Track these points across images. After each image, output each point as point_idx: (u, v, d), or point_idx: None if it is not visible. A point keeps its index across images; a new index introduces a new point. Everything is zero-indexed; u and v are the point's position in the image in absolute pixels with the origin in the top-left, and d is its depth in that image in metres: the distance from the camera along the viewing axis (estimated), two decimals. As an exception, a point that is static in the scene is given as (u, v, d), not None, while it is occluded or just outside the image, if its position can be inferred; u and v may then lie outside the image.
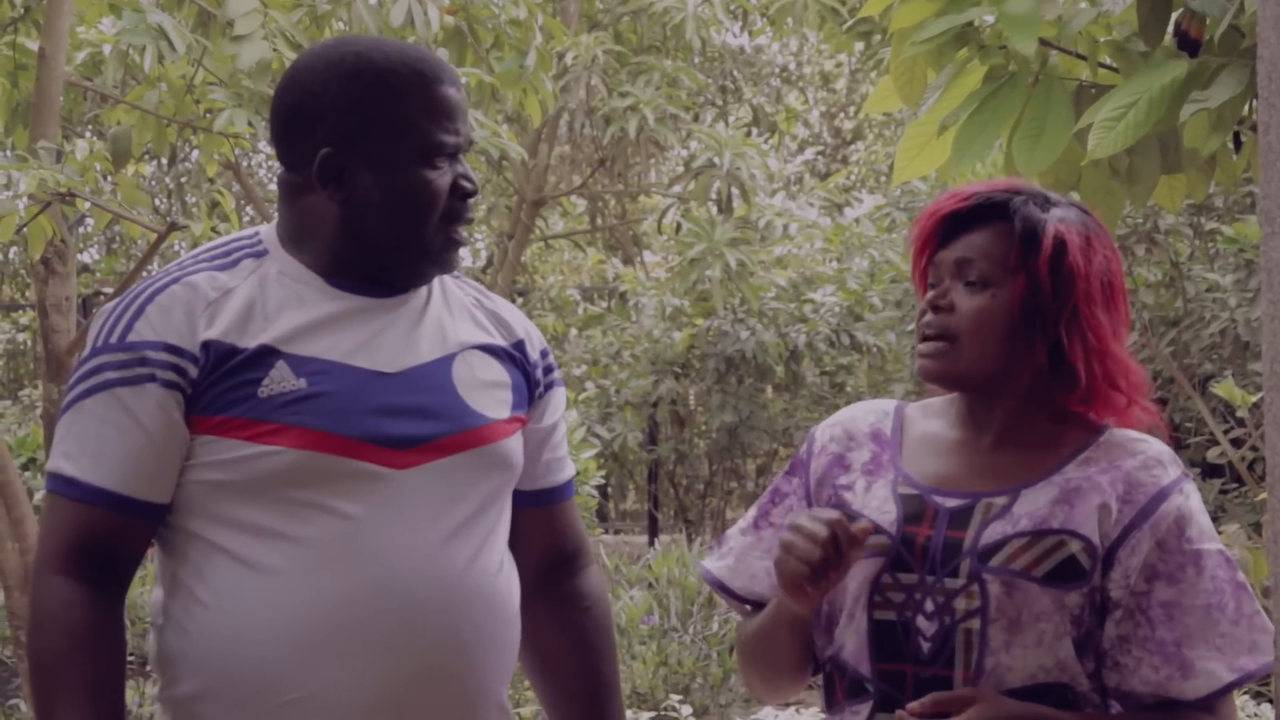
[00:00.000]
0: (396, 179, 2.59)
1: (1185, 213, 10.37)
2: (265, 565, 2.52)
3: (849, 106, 17.89)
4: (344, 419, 2.53)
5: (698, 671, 8.61)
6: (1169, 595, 2.50)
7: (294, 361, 2.54)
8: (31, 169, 5.05)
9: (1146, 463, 2.55)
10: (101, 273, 14.42)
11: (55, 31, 5.73)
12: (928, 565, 2.53)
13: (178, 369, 2.53)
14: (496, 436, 2.65)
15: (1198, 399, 9.85)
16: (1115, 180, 4.33)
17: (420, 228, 2.60)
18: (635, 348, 13.17)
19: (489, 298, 2.81)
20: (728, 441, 13.02)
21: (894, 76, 4.46)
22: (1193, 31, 4.05)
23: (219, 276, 2.60)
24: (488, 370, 2.69)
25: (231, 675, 2.52)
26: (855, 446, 2.69)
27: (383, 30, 6.22)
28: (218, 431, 2.53)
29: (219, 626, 2.53)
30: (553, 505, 2.86)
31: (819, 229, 13.45)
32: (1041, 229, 2.56)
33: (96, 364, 2.56)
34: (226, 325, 2.55)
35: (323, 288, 2.62)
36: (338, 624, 2.50)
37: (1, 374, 15.41)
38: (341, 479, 2.52)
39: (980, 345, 2.55)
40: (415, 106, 2.60)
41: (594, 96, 12.73)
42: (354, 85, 2.59)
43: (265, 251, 2.65)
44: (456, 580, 2.56)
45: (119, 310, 2.58)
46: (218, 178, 11.95)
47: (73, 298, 5.94)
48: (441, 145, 2.60)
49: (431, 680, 2.54)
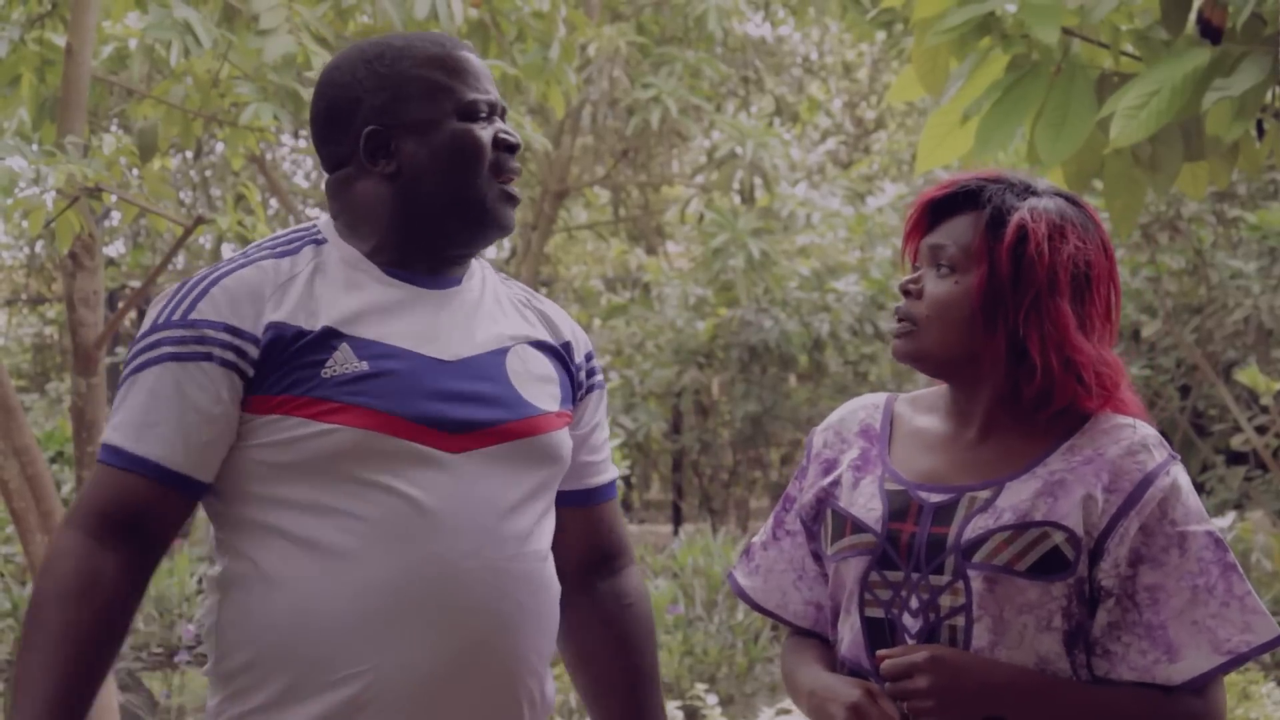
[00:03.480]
0: (439, 137, 2.67)
1: (1208, 200, 10.36)
2: (323, 542, 2.57)
3: (871, 96, 17.87)
4: (404, 401, 2.59)
5: (723, 660, 8.63)
6: (1154, 578, 2.49)
7: (356, 344, 2.60)
8: (59, 164, 5.07)
9: (1131, 448, 2.53)
10: (128, 266, 14.47)
11: (82, 27, 5.76)
12: (912, 562, 2.53)
13: (237, 350, 2.58)
14: (548, 428, 2.71)
15: (1221, 386, 9.85)
16: (1138, 168, 4.34)
17: (471, 180, 2.67)
18: (659, 338, 13.18)
19: (537, 298, 2.88)
20: (751, 431, 13.04)
21: (916, 66, 4.47)
22: (1215, 19, 4.06)
23: (283, 263, 2.66)
24: (538, 365, 2.75)
25: (288, 648, 2.57)
26: (846, 447, 2.70)
27: (406, 23, 6.24)
28: (281, 410, 2.58)
29: (277, 600, 2.58)
30: (593, 506, 2.91)
31: (842, 218, 13.46)
32: (1009, 217, 2.56)
33: (156, 339, 2.61)
34: (292, 308, 2.61)
35: (379, 276, 2.68)
36: (393, 601, 2.55)
37: (29, 367, 15.47)
38: (400, 459, 2.58)
39: (940, 330, 2.56)
40: (441, 70, 2.69)
41: (617, 88, 12.74)
42: (379, 64, 2.69)
43: (324, 240, 2.72)
44: (506, 562, 2.62)
45: (184, 290, 2.64)
46: (243, 171, 11.99)
47: (100, 291, 5.96)
48: (475, 104, 2.68)
49: (478, 655, 2.59)
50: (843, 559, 2.60)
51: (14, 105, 6.52)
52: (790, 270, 12.90)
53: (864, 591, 2.57)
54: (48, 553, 2.59)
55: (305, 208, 15.46)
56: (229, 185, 13.83)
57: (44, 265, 14.97)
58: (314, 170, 15.90)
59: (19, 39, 6.19)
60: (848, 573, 2.59)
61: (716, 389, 13.85)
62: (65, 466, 9.38)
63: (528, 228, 14.17)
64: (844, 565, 2.60)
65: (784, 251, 13.09)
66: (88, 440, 5.90)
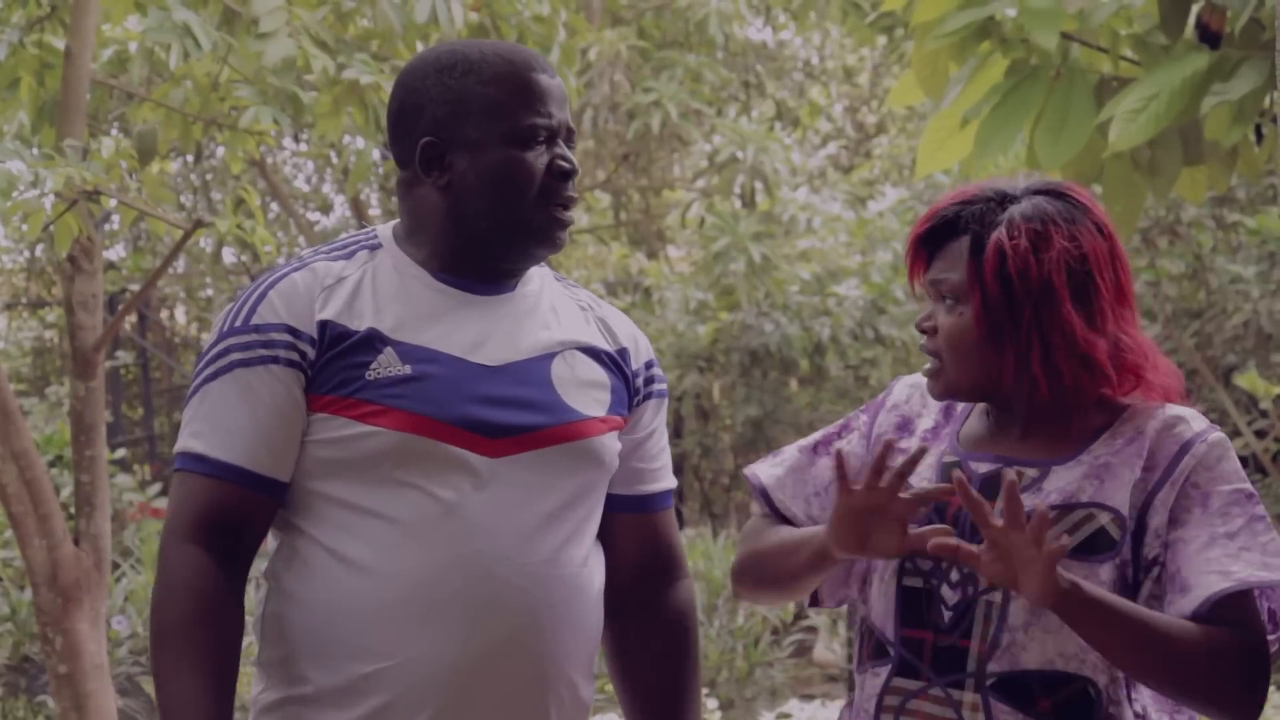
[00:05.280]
0: (490, 160, 2.69)
1: (1207, 205, 10.36)
2: (360, 541, 2.62)
3: (872, 100, 17.87)
4: (444, 404, 2.63)
5: (724, 665, 8.64)
6: (1177, 534, 2.51)
7: (401, 348, 2.65)
8: (58, 167, 5.07)
9: (1168, 422, 2.56)
10: (128, 270, 14.45)
11: (82, 30, 5.75)
12: (957, 533, 2.55)
13: (298, 349, 2.64)
14: (590, 433, 2.73)
15: (1221, 390, 9.85)
16: (1137, 172, 4.34)
17: (516, 206, 2.69)
18: (660, 342, 13.18)
19: (599, 305, 2.90)
20: (753, 435, 13.04)
21: (916, 70, 4.47)
22: (1214, 24, 4.07)
23: (334, 265, 2.71)
24: (587, 370, 2.77)
25: (324, 640, 2.63)
26: (925, 412, 2.74)
27: (407, 26, 6.24)
28: (329, 409, 2.63)
29: (316, 594, 2.64)
30: (645, 514, 2.91)
31: (842, 222, 13.46)
32: (986, 240, 2.57)
33: (224, 347, 2.66)
34: (339, 308, 2.66)
35: (430, 282, 2.72)
36: (422, 598, 2.60)
37: (28, 371, 15.46)
38: (438, 462, 2.62)
39: (959, 361, 2.60)
40: (505, 90, 2.69)
41: (617, 92, 12.75)
42: (448, 76, 2.71)
43: (380, 245, 2.76)
44: (540, 566, 2.65)
45: (244, 297, 2.70)
46: (243, 175, 11.98)
47: (99, 295, 5.95)
48: (533, 128, 2.69)
49: (506, 653, 2.63)
50: None
51: (13, 108, 6.51)
52: (791, 274, 12.90)
53: (905, 560, 2.60)
54: (171, 571, 2.61)
55: (306, 211, 15.47)
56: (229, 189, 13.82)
57: (43, 269, 14.97)
58: (314, 174, 15.91)
59: (18, 42, 6.19)
60: None
61: (717, 393, 13.85)
62: (64, 470, 9.36)
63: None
64: None
65: (785, 256, 13.08)
66: (86, 444, 5.90)
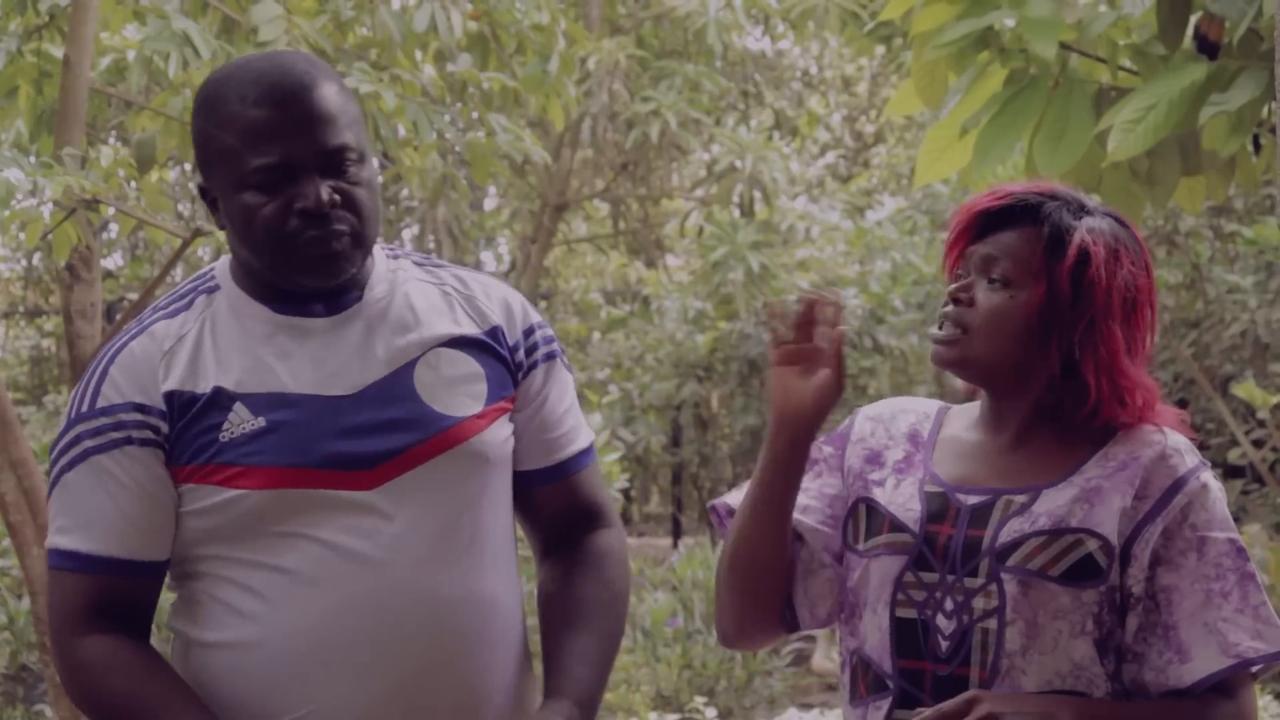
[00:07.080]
0: (231, 208, 2.57)
1: (1205, 214, 10.37)
2: (250, 594, 2.55)
3: (870, 110, 17.89)
4: (305, 449, 2.53)
5: (722, 674, 8.63)
6: (1170, 580, 2.51)
7: (250, 401, 2.55)
8: (57, 175, 5.06)
9: (1164, 453, 2.56)
10: (126, 279, 14.46)
11: (80, 38, 5.75)
12: (948, 564, 2.55)
13: (149, 425, 2.54)
14: (468, 434, 2.62)
15: (1219, 400, 9.85)
16: (1135, 182, 4.34)
17: (268, 250, 2.55)
18: (658, 351, 13.19)
19: (466, 281, 2.74)
20: (751, 444, 13.04)
21: (915, 80, 4.48)
22: (1212, 34, 4.07)
23: (172, 324, 2.60)
24: (456, 366, 2.65)
25: (235, 691, 2.56)
26: (891, 445, 2.71)
27: (406, 36, 6.24)
28: (193, 479, 2.54)
29: (216, 659, 2.57)
30: (565, 479, 2.78)
31: (841, 232, 13.47)
32: (1069, 237, 2.58)
33: (74, 435, 2.58)
34: (182, 373, 2.56)
35: (270, 317, 2.60)
36: (324, 643, 2.53)
37: (27, 380, 15.45)
38: (315, 508, 2.54)
39: (991, 341, 2.58)
40: (234, 132, 2.54)
41: (616, 101, 12.76)
42: (199, 116, 2.61)
43: (217, 287, 2.64)
44: (438, 588, 2.57)
45: (87, 377, 2.60)
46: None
47: (98, 303, 5.95)
48: (258, 171, 2.52)
49: (425, 687, 2.56)
50: (875, 556, 2.61)
51: (11, 117, 6.50)
52: (790, 283, 12.90)
53: (897, 591, 2.58)
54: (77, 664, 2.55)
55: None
56: (228, 197, 13.80)
57: (41, 277, 14.96)
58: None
59: (16, 50, 6.19)
60: (878, 570, 2.60)
61: (716, 402, 13.85)
62: (63, 478, 9.36)
63: (527, 241, 14.17)
64: (875, 562, 2.60)
65: (783, 265, 13.09)
66: (85, 452, 5.89)
